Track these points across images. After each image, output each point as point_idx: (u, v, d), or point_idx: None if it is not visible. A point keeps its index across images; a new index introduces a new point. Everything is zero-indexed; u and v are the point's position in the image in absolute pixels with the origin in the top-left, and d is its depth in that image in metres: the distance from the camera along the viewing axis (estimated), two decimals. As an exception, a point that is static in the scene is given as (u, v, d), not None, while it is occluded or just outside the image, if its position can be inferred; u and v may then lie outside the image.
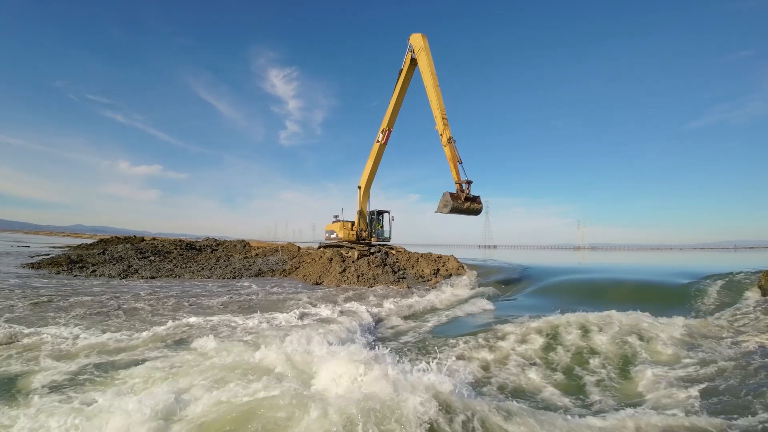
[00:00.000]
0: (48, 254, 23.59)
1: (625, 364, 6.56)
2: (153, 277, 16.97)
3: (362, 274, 17.86)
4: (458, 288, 16.60)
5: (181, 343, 6.95)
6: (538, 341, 7.35)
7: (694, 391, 5.29)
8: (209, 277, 17.93)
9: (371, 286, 16.58)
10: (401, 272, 19.22)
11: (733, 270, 14.62)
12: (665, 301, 12.63)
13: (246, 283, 15.99)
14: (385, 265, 19.20)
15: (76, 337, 7.07)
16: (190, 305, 10.69)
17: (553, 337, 7.41)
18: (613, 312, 8.35)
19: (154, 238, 33.82)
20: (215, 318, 8.91)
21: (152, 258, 21.26)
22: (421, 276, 19.59)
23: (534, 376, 6.15)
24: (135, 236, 32.77)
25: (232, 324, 8.44)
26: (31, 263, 18.41)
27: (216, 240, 30.93)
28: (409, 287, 16.72)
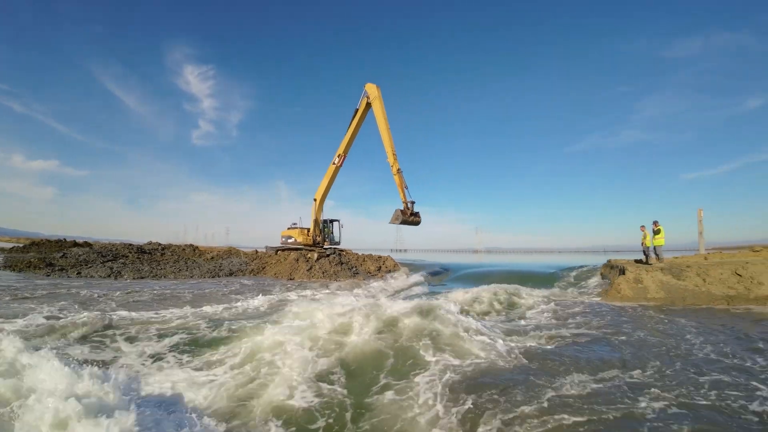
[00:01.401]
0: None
1: (514, 306, 12.61)
2: (141, 278, 19.14)
3: (326, 271, 22.33)
4: (401, 279, 22.17)
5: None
6: (469, 298, 13.11)
7: (549, 320, 11.36)
8: (191, 277, 20.56)
9: (335, 280, 21.18)
10: (354, 269, 24.12)
11: (588, 264, 22.58)
12: (537, 282, 19.60)
13: (243, 280, 19.25)
14: (342, 263, 23.91)
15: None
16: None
17: (475, 297, 13.22)
18: (505, 285, 14.59)
19: (77, 242, 33.01)
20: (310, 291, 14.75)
21: (122, 261, 22.70)
22: (368, 272, 24.75)
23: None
24: (66, 240, 31.80)
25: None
26: (5, 266, 18.85)
27: (161, 244, 31.89)
28: (363, 280, 21.72)
